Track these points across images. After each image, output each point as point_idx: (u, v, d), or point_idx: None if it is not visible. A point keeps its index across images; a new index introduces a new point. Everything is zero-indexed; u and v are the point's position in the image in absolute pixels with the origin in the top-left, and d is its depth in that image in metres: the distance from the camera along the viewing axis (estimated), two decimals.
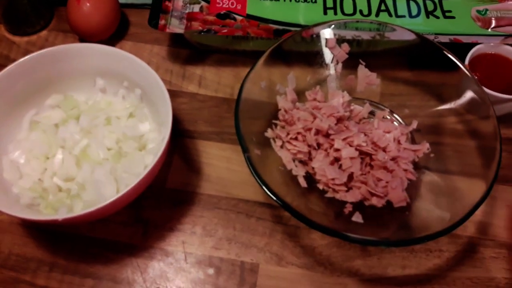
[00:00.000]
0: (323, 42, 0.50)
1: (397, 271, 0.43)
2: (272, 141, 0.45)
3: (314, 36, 0.49)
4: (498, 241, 0.45)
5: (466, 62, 0.50)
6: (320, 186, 0.43)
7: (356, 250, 0.43)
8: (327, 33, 0.49)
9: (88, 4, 0.54)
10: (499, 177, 0.39)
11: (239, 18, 0.54)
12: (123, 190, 0.37)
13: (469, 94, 0.45)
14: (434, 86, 0.49)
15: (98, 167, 0.43)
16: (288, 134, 0.45)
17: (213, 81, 0.55)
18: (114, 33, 0.58)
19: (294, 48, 0.49)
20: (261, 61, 0.45)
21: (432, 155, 0.45)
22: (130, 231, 0.44)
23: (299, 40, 0.49)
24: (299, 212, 0.36)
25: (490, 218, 0.46)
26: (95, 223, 0.45)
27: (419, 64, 0.49)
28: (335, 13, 0.55)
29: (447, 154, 0.45)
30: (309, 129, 0.44)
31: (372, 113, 0.50)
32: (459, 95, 0.46)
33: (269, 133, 0.45)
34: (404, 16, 0.55)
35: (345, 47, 0.49)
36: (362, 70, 0.50)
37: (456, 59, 0.46)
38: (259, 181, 0.38)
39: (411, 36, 0.48)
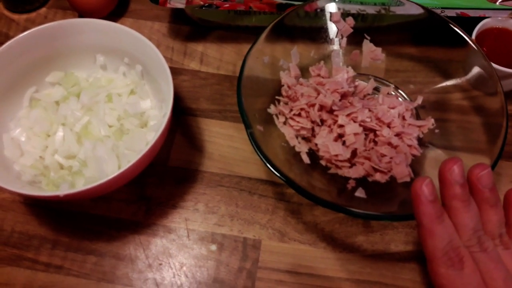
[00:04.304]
0: (327, 16, 0.48)
1: (400, 247, 0.42)
2: (275, 117, 0.44)
3: (318, 10, 0.48)
4: None
5: (473, 36, 0.48)
6: (323, 163, 0.43)
7: (358, 227, 0.43)
8: (331, 7, 0.48)
9: None
10: (504, 153, 0.39)
11: None
12: (125, 166, 0.37)
13: (476, 70, 0.44)
14: (440, 62, 0.48)
15: (100, 144, 0.43)
16: (291, 110, 0.45)
17: (215, 58, 0.54)
18: (114, 10, 0.57)
19: (297, 23, 0.48)
20: (263, 36, 0.45)
21: (436, 131, 0.45)
22: (133, 209, 0.44)
23: (303, 15, 0.48)
24: (302, 187, 0.36)
25: None
26: (98, 201, 0.45)
27: (425, 39, 0.48)
28: None
29: (452, 130, 0.45)
30: (313, 105, 0.44)
31: (376, 89, 0.49)
32: (465, 70, 0.45)
33: (272, 109, 0.45)
34: None
35: (350, 21, 0.48)
36: (367, 45, 0.49)
37: (464, 34, 0.45)
38: (261, 157, 0.38)
39: (418, 10, 0.46)
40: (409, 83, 0.49)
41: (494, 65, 0.45)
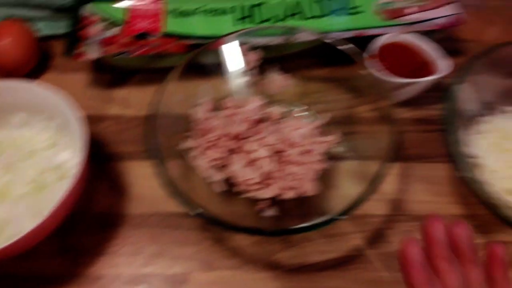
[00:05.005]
0: (235, 51, 0.51)
1: (317, 257, 0.44)
2: (189, 152, 0.46)
3: (224, 46, 0.51)
4: (411, 215, 0.47)
5: (367, 54, 0.52)
6: (239, 188, 0.45)
7: (278, 244, 0.45)
8: (238, 43, 0.51)
9: (3, 40, 0.55)
10: (412, 155, 0.41)
11: (155, 37, 0.55)
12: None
13: (364, 83, 0.47)
14: (344, 80, 0.51)
15: (19, 202, 0.43)
16: (206, 142, 0.46)
17: (137, 101, 0.56)
18: (38, 66, 0.59)
19: (207, 60, 0.50)
20: (174, 75, 0.46)
21: (345, 144, 0.47)
22: (59, 262, 0.44)
23: (210, 53, 0.50)
24: (210, 216, 0.38)
25: (403, 195, 0.49)
26: (22, 259, 0.44)
27: (329, 61, 0.52)
28: (252, 21, 0.56)
29: (360, 141, 0.47)
30: (224, 135, 0.46)
31: (289, 112, 0.52)
32: (346, 86, 0.49)
33: (186, 144, 0.46)
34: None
35: (256, 53, 0.51)
36: (274, 73, 0.52)
37: (352, 54, 0.47)
38: (172, 191, 0.39)
39: (312, 37, 0.50)
40: (319, 103, 0.52)
41: (392, 77, 0.49)
